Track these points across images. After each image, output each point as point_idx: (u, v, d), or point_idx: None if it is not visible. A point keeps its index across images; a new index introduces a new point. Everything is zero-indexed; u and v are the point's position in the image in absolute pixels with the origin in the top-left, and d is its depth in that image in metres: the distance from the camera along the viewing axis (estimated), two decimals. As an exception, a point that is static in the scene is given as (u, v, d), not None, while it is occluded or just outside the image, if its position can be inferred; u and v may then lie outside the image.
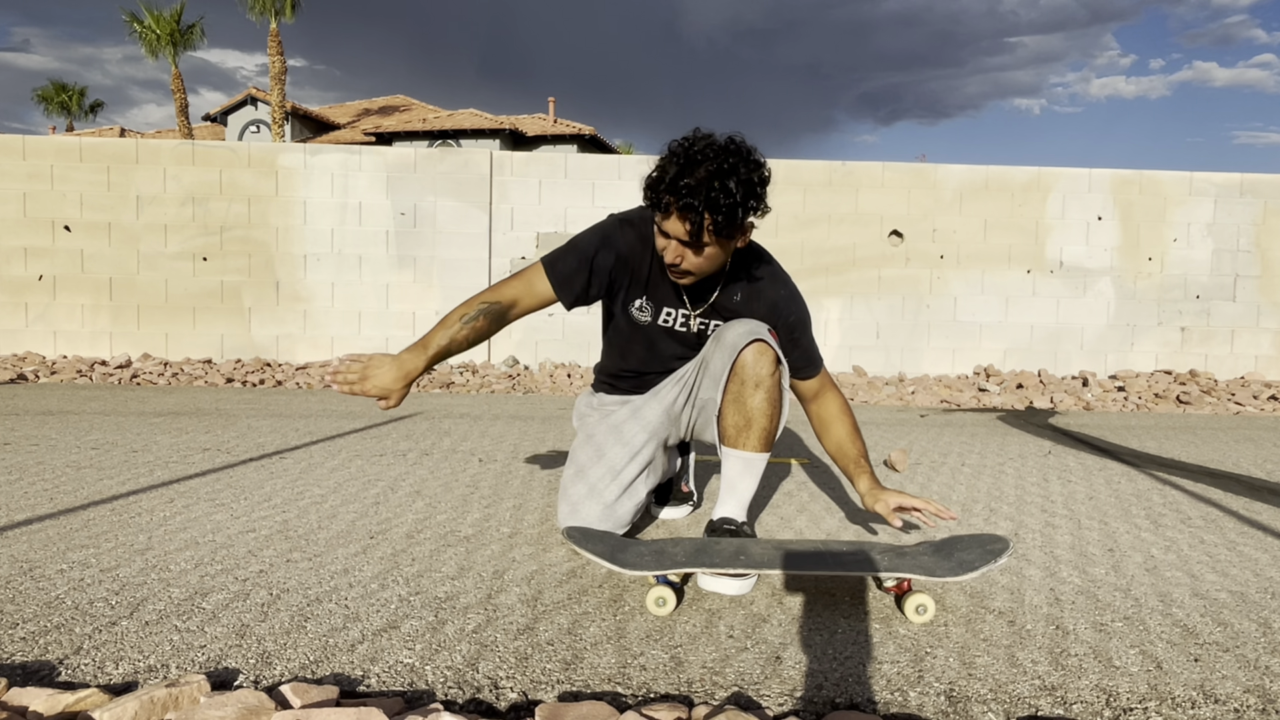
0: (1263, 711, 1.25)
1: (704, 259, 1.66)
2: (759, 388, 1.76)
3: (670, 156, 1.60)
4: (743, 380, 1.76)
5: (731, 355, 1.76)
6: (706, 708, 1.18)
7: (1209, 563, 1.98)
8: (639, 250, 1.81)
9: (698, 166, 1.55)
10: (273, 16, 21.06)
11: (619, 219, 1.83)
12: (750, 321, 1.82)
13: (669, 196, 1.57)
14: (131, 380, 5.55)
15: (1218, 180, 6.25)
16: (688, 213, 1.56)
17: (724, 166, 1.56)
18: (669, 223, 1.61)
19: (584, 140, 24.03)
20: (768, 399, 1.77)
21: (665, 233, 1.63)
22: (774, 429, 1.81)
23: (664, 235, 1.65)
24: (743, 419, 1.79)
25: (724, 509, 1.85)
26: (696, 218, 1.56)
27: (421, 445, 3.33)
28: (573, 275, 1.77)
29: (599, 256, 1.77)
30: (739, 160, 1.58)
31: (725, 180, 1.55)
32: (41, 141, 6.04)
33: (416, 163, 6.19)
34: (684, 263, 1.66)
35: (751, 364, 1.75)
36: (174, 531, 2.05)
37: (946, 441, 3.77)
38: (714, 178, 1.55)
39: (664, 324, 1.88)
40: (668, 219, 1.60)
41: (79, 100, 31.63)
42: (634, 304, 1.86)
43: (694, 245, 1.62)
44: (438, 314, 6.21)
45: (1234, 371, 6.34)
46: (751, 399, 1.77)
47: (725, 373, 1.78)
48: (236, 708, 1.11)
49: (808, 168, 6.25)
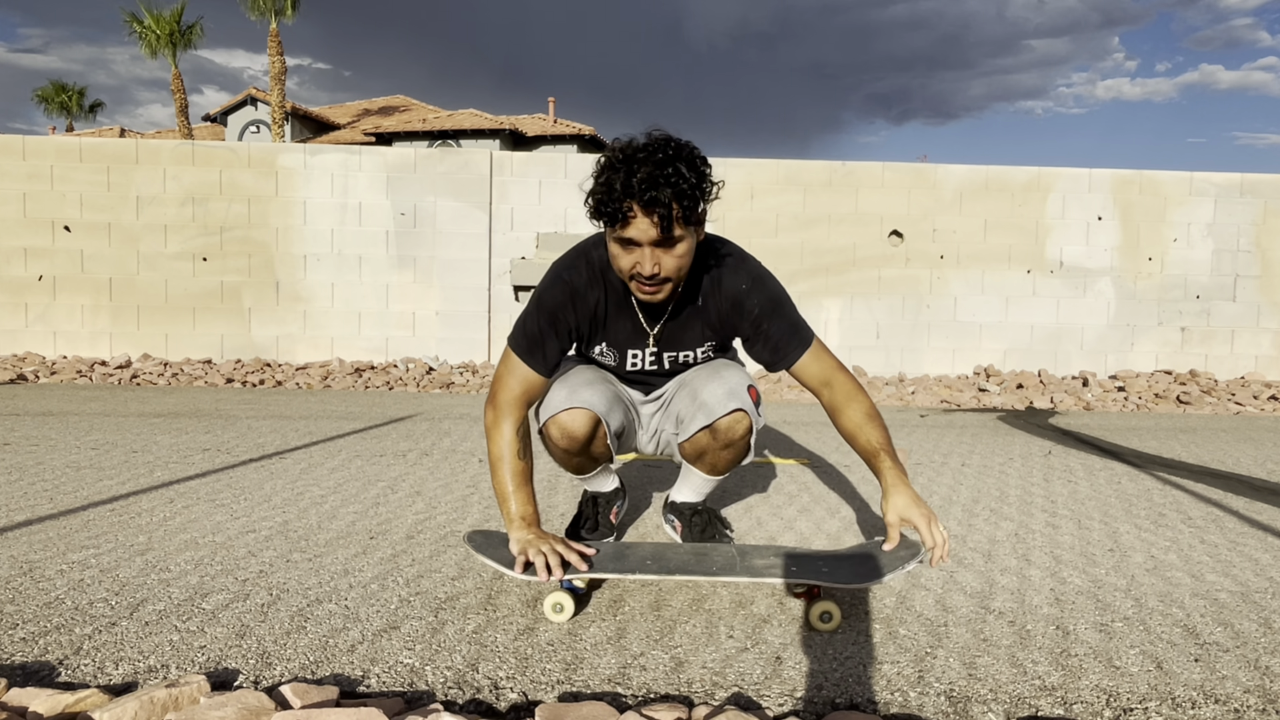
0: (1263, 712, 1.25)
1: (676, 257, 1.56)
2: (729, 448, 1.83)
3: (607, 168, 1.53)
4: (714, 438, 1.80)
5: (709, 419, 1.77)
6: (707, 708, 1.18)
7: (1210, 563, 1.98)
8: (586, 291, 1.72)
9: (640, 164, 1.49)
10: (273, 16, 21.05)
11: (557, 271, 1.74)
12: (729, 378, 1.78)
13: (627, 200, 1.49)
14: (131, 380, 5.55)
15: (1218, 180, 6.25)
16: (654, 206, 1.49)
17: (666, 154, 1.51)
18: (633, 227, 1.52)
19: (584, 140, 24.04)
20: (735, 455, 1.86)
21: (630, 241, 1.54)
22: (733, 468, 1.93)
23: (628, 246, 1.55)
24: (706, 465, 1.89)
25: (682, 494, 2.02)
26: (664, 209, 1.49)
27: (421, 445, 3.33)
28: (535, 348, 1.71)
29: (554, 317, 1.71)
30: (675, 146, 1.53)
31: (675, 164, 1.50)
32: (41, 141, 6.04)
33: (416, 163, 6.19)
34: (661, 268, 1.56)
35: (725, 430, 1.78)
36: (174, 531, 2.05)
37: (948, 442, 3.77)
38: (663, 165, 1.49)
39: (632, 368, 1.85)
40: (630, 224, 1.52)
41: (79, 100, 31.63)
42: (595, 350, 1.82)
43: (666, 241, 1.54)
44: (438, 314, 6.21)
45: (1234, 371, 6.33)
46: (721, 453, 1.84)
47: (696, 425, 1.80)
48: (236, 708, 1.11)
49: (808, 168, 6.25)
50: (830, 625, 1.51)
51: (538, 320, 1.70)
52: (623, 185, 1.48)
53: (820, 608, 1.51)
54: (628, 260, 1.56)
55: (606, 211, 1.52)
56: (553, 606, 1.53)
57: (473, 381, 5.69)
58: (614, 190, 1.49)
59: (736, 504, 2.49)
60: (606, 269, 1.69)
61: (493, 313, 6.27)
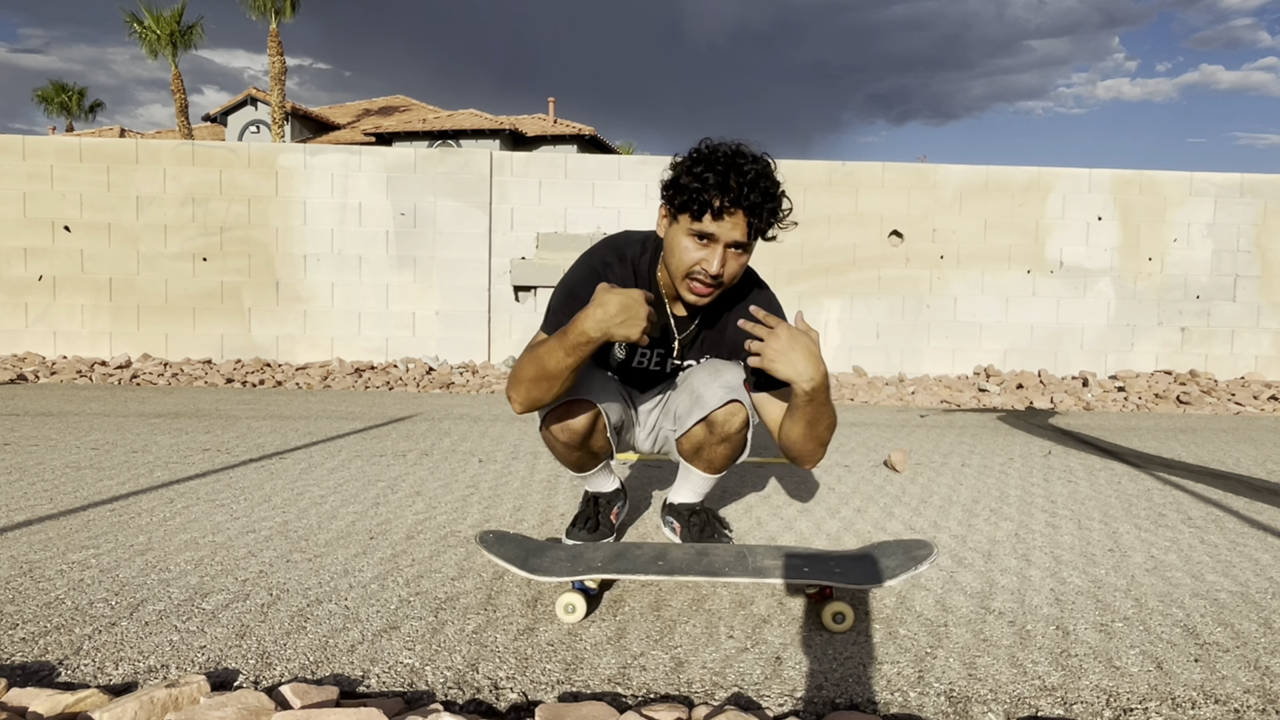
0: (1263, 712, 1.25)
1: (739, 264, 1.62)
2: (725, 441, 1.82)
3: (704, 162, 1.55)
4: (711, 431, 1.80)
5: (705, 412, 1.77)
6: (707, 708, 1.18)
7: (1210, 563, 1.98)
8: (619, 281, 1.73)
9: (742, 168, 1.54)
10: (272, 16, 21.06)
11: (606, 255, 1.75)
12: (726, 375, 1.78)
13: (722, 198, 1.52)
14: (131, 381, 5.55)
15: (1218, 180, 6.25)
16: (748, 210, 1.54)
17: (763, 168, 1.57)
18: (719, 224, 1.55)
19: (584, 140, 24.04)
20: (732, 449, 1.84)
21: (709, 236, 1.56)
22: (730, 465, 1.90)
23: (704, 240, 1.57)
24: (704, 461, 1.88)
25: (680, 495, 2.01)
26: (755, 216, 1.55)
27: (421, 445, 3.33)
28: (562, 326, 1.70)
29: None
30: (767, 164, 1.59)
31: (772, 177, 1.57)
32: (41, 142, 6.04)
33: (416, 163, 6.19)
34: (725, 271, 1.59)
35: (722, 422, 1.77)
36: (174, 532, 2.05)
37: (948, 442, 3.77)
38: (761, 178, 1.55)
39: (637, 366, 1.87)
40: (717, 220, 1.55)
41: (79, 100, 31.64)
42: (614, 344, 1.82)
43: (739, 246, 1.59)
44: (438, 314, 6.21)
45: (1234, 371, 6.34)
46: (718, 448, 1.84)
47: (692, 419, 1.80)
48: (236, 708, 1.11)
49: (808, 168, 6.25)
50: (843, 626, 1.51)
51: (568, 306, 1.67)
52: (721, 182, 1.52)
53: (833, 608, 1.52)
54: (696, 254, 1.59)
55: (699, 201, 1.54)
56: (564, 607, 1.53)
57: (473, 381, 5.69)
58: (712, 184, 1.53)
59: (736, 504, 2.49)
60: (652, 269, 1.74)
61: (493, 313, 6.27)
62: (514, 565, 1.55)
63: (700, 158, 1.57)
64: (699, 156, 1.57)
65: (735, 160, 1.55)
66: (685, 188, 1.56)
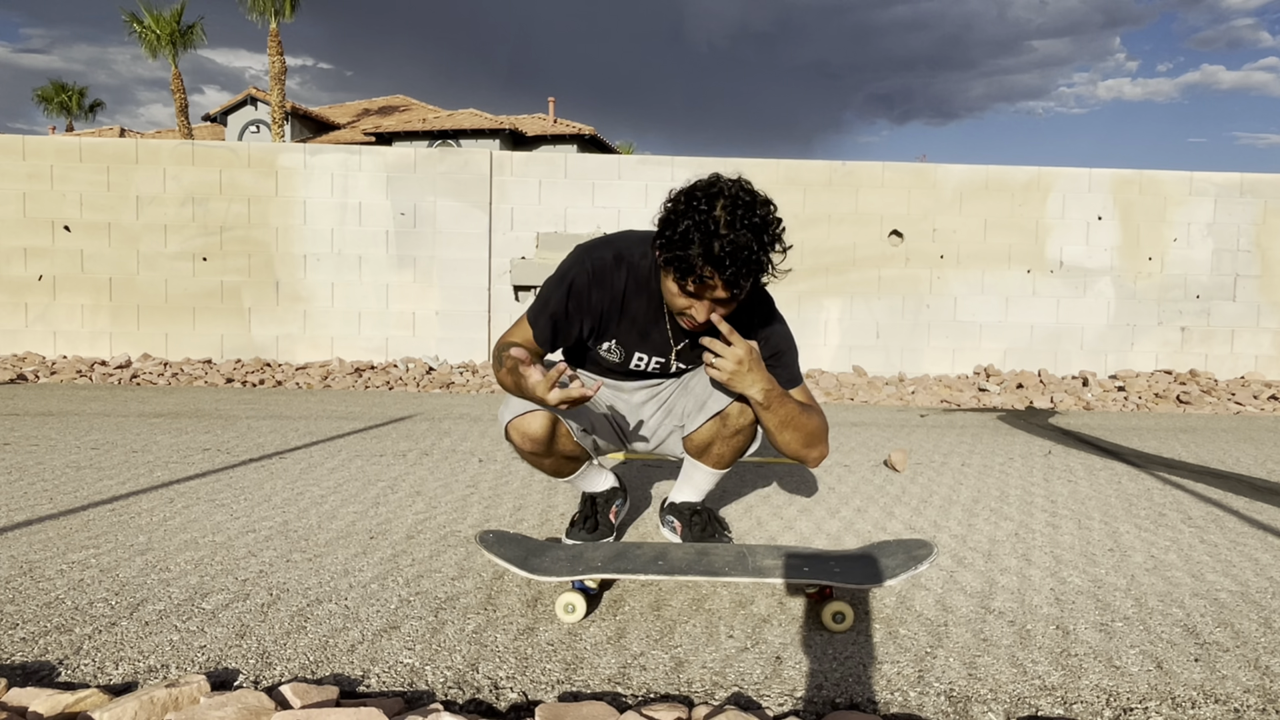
0: (1263, 711, 1.24)
1: (729, 309, 1.60)
2: (738, 434, 1.84)
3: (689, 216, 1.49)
4: (724, 424, 1.82)
5: (720, 406, 1.79)
6: (707, 708, 1.18)
7: (1210, 562, 1.98)
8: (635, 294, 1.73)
9: (727, 231, 1.47)
10: (272, 16, 21.05)
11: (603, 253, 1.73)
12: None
13: (708, 268, 1.48)
14: (131, 380, 5.55)
15: (1218, 180, 6.25)
16: (730, 282, 1.50)
17: (753, 222, 1.49)
18: (704, 289, 1.53)
19: (584, 140, 24.02)
20: (742, 442, 1.87)
21: (695, 296, 1.55)
22: (737, 460, 1.94)
23: (690, 297, 1.56)
24: (712, 456, 1.90)
25: (682, 494, 2.02)
26: (738, 289, 1.53)
27: (421, 445, 3.33)
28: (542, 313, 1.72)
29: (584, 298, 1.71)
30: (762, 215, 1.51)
31: (761, 237, 1.50)
32: (41, 141, 6.04)
33: (416, 163, 6.19)
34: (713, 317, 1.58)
35: (736, 415, 1.80)
36: (174, 531, 2.05)
37: (948, 442, 3.77)
38: (750, 241, 1.48)
39: (635, 368, 1.87)
40: (706, 289, 1.53)
41: (79, 100, 31.62)
42: (602, 346, 1.82)
43: (732, 302, 1.57)
44: (438, 314, 6.21)
45: (1234, 371, 6.33)
46: (730, 440, 1.85)
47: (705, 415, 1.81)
48: (236, 708, 1.10)
49: (808, 168, 6.24)
50: (843, 626, 1.51)
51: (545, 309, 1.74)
52: (704, 251, 1.47)
53: (833, 608, 1.52)
54: (683, 303, 1.58)
55: (681, 268, 1.51)
56: (564, 607, 1.53)
57: (473, 381, 5.69)
58: (694, 251, 1.48)
59: (736, 504, 2.49)
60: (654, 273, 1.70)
61: (493, 312, 6.27)
62: (514, 565, 1.55)
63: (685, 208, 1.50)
64: (684, 206, 1.51)
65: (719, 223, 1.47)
66: (670, 242, 1.50)
